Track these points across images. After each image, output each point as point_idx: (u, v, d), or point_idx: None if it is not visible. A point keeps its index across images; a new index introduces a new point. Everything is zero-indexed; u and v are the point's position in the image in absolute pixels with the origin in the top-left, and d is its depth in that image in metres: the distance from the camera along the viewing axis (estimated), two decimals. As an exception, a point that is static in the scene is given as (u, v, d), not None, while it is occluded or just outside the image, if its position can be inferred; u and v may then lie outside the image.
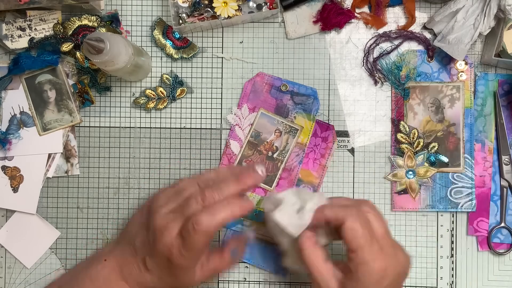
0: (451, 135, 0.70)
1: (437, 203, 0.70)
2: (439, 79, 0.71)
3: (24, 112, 0.72)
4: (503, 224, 0.71)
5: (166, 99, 0.72)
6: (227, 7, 0.69)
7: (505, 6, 0.64)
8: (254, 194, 0.71)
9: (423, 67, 0.71)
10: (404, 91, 0.70)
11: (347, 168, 0.72)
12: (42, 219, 0.73)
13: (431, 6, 0.71)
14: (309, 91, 0.71)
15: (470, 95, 0.70)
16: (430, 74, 0.71)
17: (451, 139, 0.70)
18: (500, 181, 0.71)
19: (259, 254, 0.71)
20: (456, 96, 0.70)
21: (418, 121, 0.71)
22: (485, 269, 0.71)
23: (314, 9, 0.71)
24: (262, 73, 0.72)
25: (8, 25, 0.71)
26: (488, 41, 0.70)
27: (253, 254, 0.71)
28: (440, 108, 0.70)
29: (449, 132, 0.70)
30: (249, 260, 0.71)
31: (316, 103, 0.71)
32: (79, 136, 0.73)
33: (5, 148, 0.72)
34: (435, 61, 0.70)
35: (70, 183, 0.73)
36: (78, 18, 0.71)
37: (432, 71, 0.71)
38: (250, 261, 0.71)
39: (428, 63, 0.71)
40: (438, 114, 0.70)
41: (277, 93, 0.72)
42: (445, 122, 0.70)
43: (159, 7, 0.72)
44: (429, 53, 0.70)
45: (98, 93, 0.72)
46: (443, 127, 0.70)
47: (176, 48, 0.72)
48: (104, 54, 0.59)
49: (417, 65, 0.71)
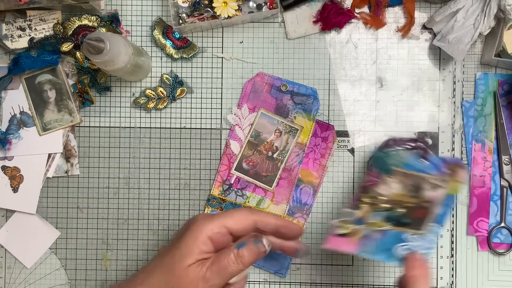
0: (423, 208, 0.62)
1: (378, 252, 0.59)
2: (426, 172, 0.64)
3: (24, 112, 0.72)
4: (503, 224, 0.71)
5: (166, 99, 0.72)
6: (227, 7, 0.69)
7: (505, 6, 0.64)
8: (254, 194, 0.71)
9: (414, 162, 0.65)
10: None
11: (347, 168, 0.72)
12: (42, 219, 0.73)
13: (431, 6, 0.71)
14: (309, 91, 0.71)
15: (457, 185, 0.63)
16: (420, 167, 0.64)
17: (421, 211, 0.61)
18: (500, 181, 0.71)
19: None
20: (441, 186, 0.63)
21: (390, 193, 0.64)
22: (485, 269, 0.71)
23: (314, 9, 0.71)
24: (262, 73, 0.72)
25: (8, 25, 0.71)
26: (488, 41, 0.70)
27: None
28: (420, 190, 0.63)
29: (421, 206, 0.62)
30: None
31: (316, 103, 0.71)
32: (79, 136, 0.73)
33: (5, 148, 0.72)
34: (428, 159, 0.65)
35: (70, 183, 0.73)
36: (78, 18, 0.71)
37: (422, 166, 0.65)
38: None
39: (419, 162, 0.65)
40: (417, 192, 0.63)
41: (277, 93, 0.72)
42: (421, 199, 0.62)
43: (159, 7, 0.72)
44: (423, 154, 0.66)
45: (98, 93, 0.73)
46: (418, 201, 0.62)
47: (176, 48, 0.72)
48: (104, 54, 0.59)
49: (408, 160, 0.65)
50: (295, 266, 0.72)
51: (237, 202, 0.71)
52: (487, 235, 0.71)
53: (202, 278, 0.56)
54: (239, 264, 0.57)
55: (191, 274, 0.56)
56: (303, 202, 0.71)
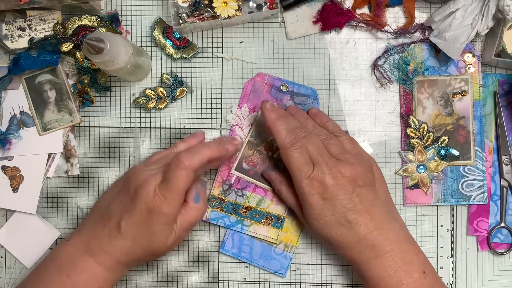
0: (461, 128, 0.70)
1: (449, 196, 0.70)
2: (447, 72, 0.71)
3: (24, 112, 0.72)
4: (503, 224, 0.71)
5: (166, 99, 0.72)
6: (227, 7, 0.69)
7: (503, 6, 0.64)
8: (254, 194, 0.71)
9: (431, 61, 0.71)
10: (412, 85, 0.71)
11: (347, 168, 0.72)
12: (42, 219, 0.73)
13: (431, 6, 0.71)
14: (309, 91, 0.71)
15: (478, 87, 0.70)
16: (438, 67, 0.71)
17: (461, 132, 0.70)
18: (500, 181, 0.71)
19: (259, 254, 0.71)
20: (464, 89, 0.70)
21: (428, 116, 0.71)
22: (485, 269, 0.71)
23: (314, 9, 0.71)
24: (262, 73, 0.72)
25: (8, 25, 0.71)
26: (488, 41, 0.70)
27: (253, 254, 0.71)
28: (449, 101, 0.70)
29: (458, 125, 0.70)
30: (249, 260, 0.71)
31: (316, 103, 0.71)
32: (79, 136, 0.73)
33: (5, 148, 0.72)
34: (442, 55, 0.70)
35: (70, 183, 0.73)
36: (78, 18, 0.71)
37: (440, 64, 0.71)
38: (250, 261, 0.71)
39: (435, 57, 0.71)
40: (447, 107, 0.70)
41: (277, 93, 0.72)
42: (455, 115, 0.70)
43: (159, 7, 0.72)
44: (436, 47, 0.70)
45: (98, 93, 0.73)
46: (452, 120, 0.70)
47: (176, 48, 0.72)
48: (104, 54, 0.59)
49: (425, 59, 0.71)
50: (295, 266, 0.72)
51: (237, 202, 0.71)
52: (487, 235, 0.71)
53: (176, 240, 0.64)
54: (203, 212, 0.66)
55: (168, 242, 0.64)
56: None
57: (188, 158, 0.60)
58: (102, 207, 0.65)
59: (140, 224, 0.61)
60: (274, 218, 0.71)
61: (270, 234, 0.71)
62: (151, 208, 0.61)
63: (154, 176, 0.62)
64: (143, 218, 0.61)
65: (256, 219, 0.71)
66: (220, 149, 0.63)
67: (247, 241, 0.71)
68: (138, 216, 0.61)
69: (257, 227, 0.71)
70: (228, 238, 0.71)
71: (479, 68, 0.71)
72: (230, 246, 0.71)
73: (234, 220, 0.71)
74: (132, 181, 0.63)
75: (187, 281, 0.72)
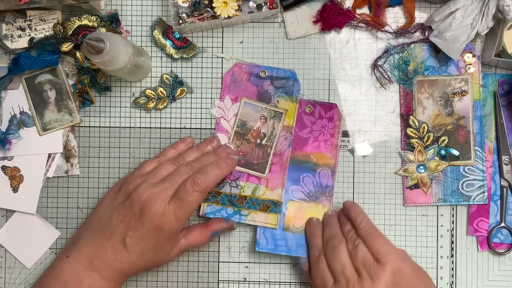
0: (461, 128, 0.70)
1: (449, 196, 0.70)
2: (447, 72, 0.71)
3: (24, 112, 0.72)
4: (503, 224, 0.71)
5: (166, 99, 0.72)
6: (227, 7, 0.69)
7: (503, 6, 0.64)
8: (248, 183, 0.71)
9: (431, 60, 0.71)
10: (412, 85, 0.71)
11: (347, 168, 0.72)
12: (42, 219, 0.73)
13: (431, 6, 0.71)
14: (288, 74, 0.72)
15: (478, 87, 0.70)
16: (438, 67, 0.71)
17: (461, 132, 0.70)
18: (500, 181, 0.71)
19: (295, 244, 0.70)
20: (464, 89, 0.70)
21: (428, 116, 0.71)
22: (485, 269, 0.71)
23: (314, 9, 0.71)
24: (240, 63, 0.72)
25: (8, 25, 0.71)
26: (488, 41, 0.70)
27: (289, 246, 0.70)
28: (449, 101, 0.70)
29: (458, 125, 0.70)
30: (288, 252, 0.70)
31: (296, 85, 0.71)
32: (79, 136, 0.73)
33: (5, 148, 0.72)
34: (442, 55, 0.70)
35: (70, 183, 0.73)
36: (78, 18, 0.71)
37: (440, 64, 0.71)
38: (290, 252, 0.70)
39: (435, 57, 0.71)
40: (447, 107, 0.71)
41: (257, 80, 0.72)
42: (455, 115, 0.71)
43: (159, 7, 0.73)
44: (436, 47, 0.70)
45: (98, 93, 0.73)
46: (452, 120, 0.71)
47: (176, 48, 0.72)
48: (104, 54, 0.59)
49: (425, 59, 0.71)
50: (295, 266, 0.72)
51: (232, 193, 0.71)
52: (487, 235, 0.71)
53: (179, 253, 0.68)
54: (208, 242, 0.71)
55: None
56: (324, 185, 0.71)
57: (204, 181, 0.63)
58: (102, 221, 0.65)
59: (146, 240, 0.62)
60: (271, 204, 0.71)
61: (269, 220, 0.70)
62: (158, 227, 0.62)
63: (158, 195, 0.62)
64: (150, 235, 0.62)
65: (253, 207, 0.71)
66: (229, 163, 0.67)
67: (279, 235, 0.71)
68: (144, 233, 0.62)
69: (255, 215, 0.71)
70: (260, 236, 0.71)
71: (479, 68, 0.71)
72: (264, 244, 0.70)
73: (232, 212, 0.71)
74: (135, 198, 0.63)
75: (187, 281, 0.72)
